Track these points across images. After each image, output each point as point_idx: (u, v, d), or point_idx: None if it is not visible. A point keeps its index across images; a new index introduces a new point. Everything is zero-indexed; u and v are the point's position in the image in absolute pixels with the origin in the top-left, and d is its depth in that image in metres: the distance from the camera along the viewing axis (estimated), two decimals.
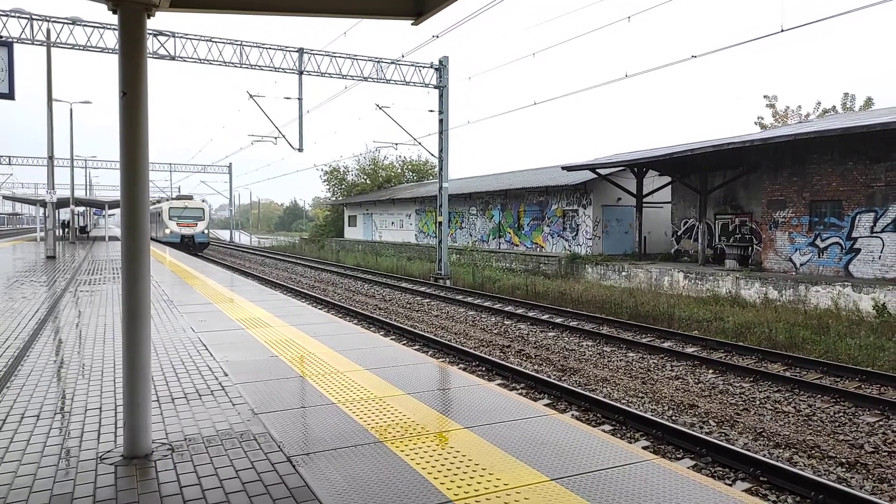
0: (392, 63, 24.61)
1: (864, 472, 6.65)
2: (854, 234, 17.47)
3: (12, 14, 19.91)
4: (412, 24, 4.81)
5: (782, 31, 12.11)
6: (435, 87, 25.41)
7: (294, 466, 3.68)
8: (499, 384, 9.69)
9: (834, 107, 38.96)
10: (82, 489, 3.36)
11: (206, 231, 43.48)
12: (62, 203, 38.26)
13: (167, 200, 46.35)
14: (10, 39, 19.31)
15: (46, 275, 15.94)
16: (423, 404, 4.91)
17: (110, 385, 5.42)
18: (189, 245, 40.23)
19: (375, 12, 4.92)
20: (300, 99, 24.86)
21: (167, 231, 40.83)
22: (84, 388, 5.35)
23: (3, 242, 37.63)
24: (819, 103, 40.02)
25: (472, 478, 3.51)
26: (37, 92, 28.77)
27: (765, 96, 43.04)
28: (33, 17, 20.25)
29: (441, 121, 25.42)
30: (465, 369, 10.58)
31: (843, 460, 6.92)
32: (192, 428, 4.34)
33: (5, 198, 51.65)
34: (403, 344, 12.27)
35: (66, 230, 44.03)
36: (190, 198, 46.05)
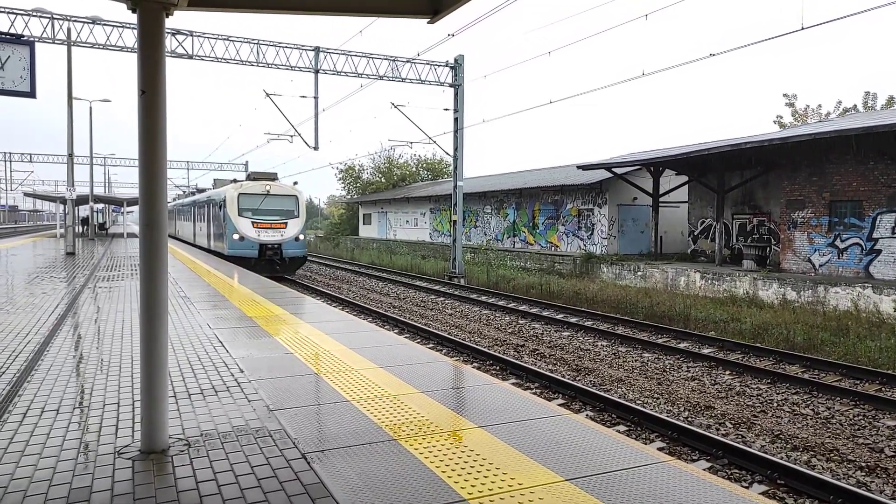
0: (408, 62, 24.63)
1: (884, 476, 6.55)
2: (875, 235, 17.21)
3: (34, 14, 20.19)
4: (428, 22, 4.81)
5: (802, 28, 11.95)
6: (450, 86, 25.39)
7: (309, 463, 3.70)
8: (513, 383, 9.67)
9: (855, 105, 38.39)
10: (100, 483, 3.40)
11: (301, 236, 25.37)
12: (82, 200, 36.40)
13: (233, 183, 26.72)
14: (32, 38, 19.57)
15: (66, 271, 16.15)
16: (437, 403, 4.91)
17: (128, 380, 5.48)
18: (274, 262, 23.91)
19: (392, 11, 4.92)
20: (316, 97, 24.97)
21: (235, 237, 23.69)
22: (102, 383, 5.41)
23: (24, 239, 38.20)
24: (840, 102, 39.43)
25: (486, 477, 3.51)
26: (57, 90, 29.18)
27: (784, 95, 42.52)
28: (54, 16, 20.52)
29: (456, 119, 25.41)
30: (479, 368, 10.57)
31: (863, 464, 6.82)
32: (208, 424, 4.37)
33: (26, 195, 52.38)
34: (417, 342, 12.28)
35: (86, 227, 43.61)
36: (273, 177, 26.54)
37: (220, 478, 3.49)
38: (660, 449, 6.99)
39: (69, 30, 20.72)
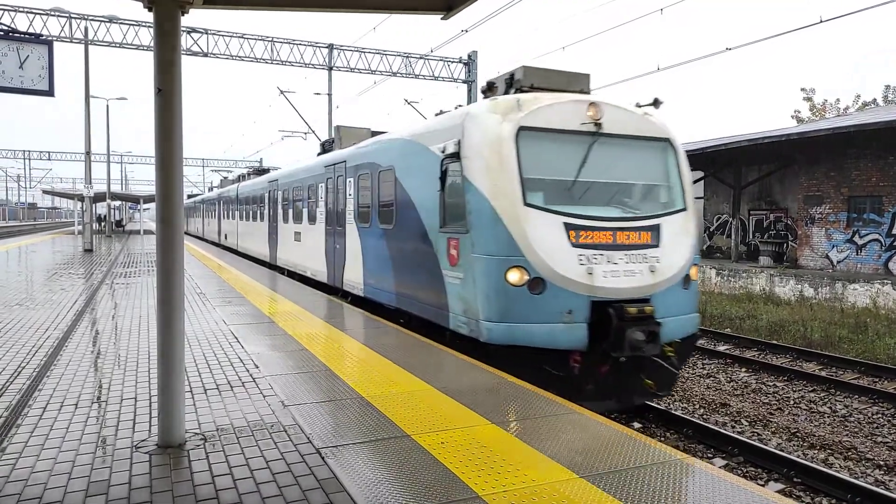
0: (421, 58, 24.63)
1: None
2: (894, 231, 16.97)
3: (52, 13, 20.44)
4: (442, 18, 4.80)
5: (821, 21, 11.80)
6: (464, 82, 25.35)
7: (323, 458, 3.72)
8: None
9: (874, 100, 37.88)
10: (118, 476, 3.44)
11: (693, 270, 7.08)
12: (99, 197, 36.44)
13: (484, 99, 7.83)
14: (51, 38, 19.81)
15: (84, 267, 16.35)
16: (450, 399, 4.91)
17: (145, 376, 5.54)
18: (641, 362, 6.59)
19: (406, 7, 4.91)
20: (330, 94, 25.06)
21: (512, 278, 6.26)
22: (120, 378, 5.47)
23: (43, 235, 38.69)
24: (858, 96, 38.97)
25: (499, 473, 3.51)
26: (75, 89, 29.54)
27: (802, 89, 42.05)
28: (72, 15, 20.75)
29: None
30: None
31: (882, 463, 6.74)
32: (223, 419, 4.41)
33: (45, 192, 53.11)
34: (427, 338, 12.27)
35: (103, 224, 43.99)
36: (584, 84, 7.91)
37: (236, 472, 3.52)
38: (675, 446, 6.95)
39: (86, 29, 20.94)
